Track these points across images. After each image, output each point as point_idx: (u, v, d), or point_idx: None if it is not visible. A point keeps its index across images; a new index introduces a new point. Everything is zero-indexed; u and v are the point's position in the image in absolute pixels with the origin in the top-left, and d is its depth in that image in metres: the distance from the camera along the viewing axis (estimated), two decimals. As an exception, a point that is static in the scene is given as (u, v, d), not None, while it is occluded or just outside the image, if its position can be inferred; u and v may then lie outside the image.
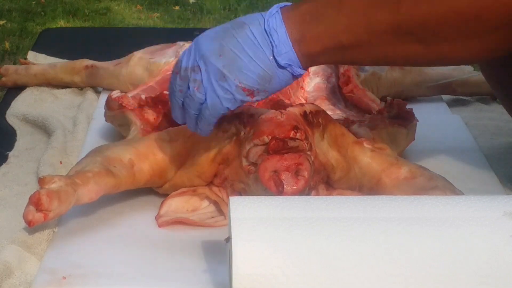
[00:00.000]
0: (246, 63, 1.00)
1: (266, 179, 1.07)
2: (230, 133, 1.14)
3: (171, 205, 1.16)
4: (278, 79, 1.02)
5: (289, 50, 1.00)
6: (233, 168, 1.14)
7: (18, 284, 1.00)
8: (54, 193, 1.02)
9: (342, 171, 1.16)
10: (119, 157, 1.14)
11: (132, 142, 1.19)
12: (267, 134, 1.09)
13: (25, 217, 1.02)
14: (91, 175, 1.08)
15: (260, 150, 1.09)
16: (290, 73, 1.01)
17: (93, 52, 1.76)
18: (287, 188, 1.06)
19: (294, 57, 1.00)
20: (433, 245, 0.87)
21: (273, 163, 1.07)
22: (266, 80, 1.01)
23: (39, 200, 1.01)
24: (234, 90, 1.01)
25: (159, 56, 1.54)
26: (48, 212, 1.02)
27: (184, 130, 1.17)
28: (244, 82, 1.00)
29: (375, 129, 1.23)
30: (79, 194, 1.06)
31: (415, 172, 1.15)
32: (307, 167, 1.07)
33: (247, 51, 1.00)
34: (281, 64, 1.00)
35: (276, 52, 1.00)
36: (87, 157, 1.15)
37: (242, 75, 1.00)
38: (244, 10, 3.68)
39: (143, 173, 1.15)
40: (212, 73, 1.01)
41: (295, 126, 1.09)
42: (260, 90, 1.01)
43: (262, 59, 1.00)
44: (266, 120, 1.10)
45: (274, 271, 0.86)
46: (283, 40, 0.99)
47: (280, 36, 0.99)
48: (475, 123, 1.54)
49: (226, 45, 1.01)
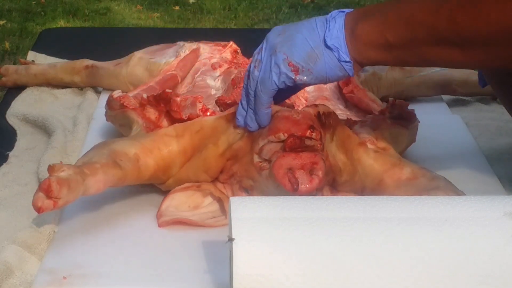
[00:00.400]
0: (298, 41, 1.06)
1: (280, 176, 1.07)
2: (241, 128, 1.14)
3: (174, 199, 1.16)
4: (323, 61, 1.05)
5: (341, 36, 1.04)
6: (242, 164, 1.14)
7: (18, 284, 1.00)
8: (64, 181, 1.02)
9: (348, 174, 1.16)
10: (125, 151, 1.14)
11: (137, 137, 1.19)
12: (283, 132, 1.09)
13: (35, 203, 1.01)
14: (99, 166, 1.08)
15: (274, 147, 1.09)
16: (337, 58, 1.05)
17: (93, 52, 1.76)
18: (302, 186, 1.06)
19: (343, 43, 1.05)
20: (433, 245, 0.87)
21: (288, 161, 1.07)
22: (312, 59, 1.06)
23: (50, 187, 1.00)
24: (281, 63, 1.06)
25: (159, 56, 1.54)
26: (57, 199, 1.01)
27: (191, 126, 1.17)
28: (291, 57, 1.06)
29: (377, 129, 1.23)
30: (87, 184, 1.05)
31: (417, 173, 1.15)
32: (322, 166, 1.08)
33: (304, 32, 1.06)
34: (328, 45, 1.05)
35: (327, 33, 1.05)
36: (93, 150, 1.15)
37: (291, 51, 1.06)
38: (244, 10, 3.68)
39: (148, 168, 1.15)
40: (268, 49, 1.08)
41: (311, 126, 1.09)
42: (304, 68, 1.06)
43: (314, 39, 1.05)
44: (283, 118, 1.11)
45: (274, 271, 0.86)
46: (338, 27, 1.05)
47: (337, 23, 1.05)
48: (475, 123, 1.54)
49: (288, 28, 1.09)
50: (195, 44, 1.55)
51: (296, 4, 3.73)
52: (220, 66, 1.49)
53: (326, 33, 1.05)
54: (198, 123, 1.18)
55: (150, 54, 1.55)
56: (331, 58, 1.05)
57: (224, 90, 1.41)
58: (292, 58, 1.06)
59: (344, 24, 1.05)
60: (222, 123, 1.16)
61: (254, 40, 1.89)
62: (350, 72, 1.06)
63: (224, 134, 1.15)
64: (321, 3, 3.68)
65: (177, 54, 1.51)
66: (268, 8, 3.71)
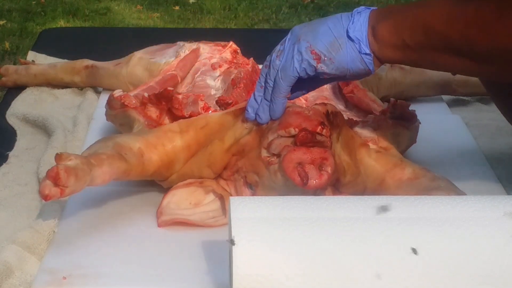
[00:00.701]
0: (322, 31, 1.09)
1: (290, 170, 1.07)
2: (250, 123, 1.14)
3: (175, 195, 1.15)
4: (345, 51, 1.08)
5: (363, 29, 1.08)
6: (248, 159, 1.14)
7: (18, 284, 1.00)
8: (72, 169, 1.01)
9: (352, 175, 1.16)
10: (129, 145, 1.14)
11: (141, 133, 1.20)
12: (294, 126, 1.09)
13: (42, 191, 1.00)
14: (105, 157, 1.08)
15: (284, 142, 1.10)
16: (358, 50, 1.08)
17: (93, 52, 1.76)
18: (311, 181, 1.06)
19: (364, 36, 1.08)
20: (434, 245, 0.87)
21: (299, 155, 1.07)
22: (334, 48, 1.08)
23: (58, 175, 1.00)
24: (303, 50, 1.08)
25: (159, 56, 1.54)
26: (65, 188, 1.00)
27: (196, 122, 1.17)
28: (314, 45, 1.08)
29: (379, 129, 1.23)
30: (93, 174, 1.05)
31: (418, 173, 1.15)
32: (332, 163, 1.08)
33: (328, 24, 1.09)
34: (351, 36, 1.08)
35: (350, 26, 1.08)
36: (98, 143, 1.15)
37: (314, 39, 1.09)
38: (244, 10, 3.68)
39: (152, 163, 1.15)
40: (292, 38, 1.11)
41: (322, 122, 1.10)
42: (326, 57, 1.08)
43: (337, 29, 1.09)
44: (294, 113, 1.11)
45: (274, 271, 0.86)
46: (362, 21, 1.08)
47: (361, 18, 1.08)
48: (475, 123, 1.54)
49: (314, 21, 1.12)
50: (195, 44, 1.55)
51: (296, 4, 3.73)
52: (220, 66, 1.49)
53: (349, 25, 1.08)
54: (204, 119, 1.18)
55: (150, 54, 1.55)
56: (352, 49, 1.08)
57: (224, 90, 1.41)
58: (315, 46, 1.08)
59: (368, 20, 1.08)
60: (229, 119, 1.16)
61: (254, 40, 1.91)
62: (370, 65, 1.07)
63: (231, 129, 1.15)
64: (321, 3, 3.67)
65: (177, 54, 1.51)
66: (268, 8, 3.71)
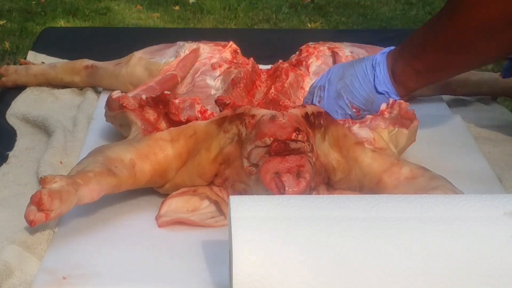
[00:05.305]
0: (356, 88, 1.32)
1: (267, 181, 1.07)
2: (231, 133, 1.14)
3: (171, 204, 1.16)
4: (378, 102, 1.29)
5: (386, 81, 1.30)
6: (234, 168, 1.14)
7: (18, 284, 1.00)
8: (56, 192, 1.02)
9: (343, 172, 1.16)
10: (120, 157, 1.14)
11: (133, 142, 1.19)
12: (269, 136, 1.09)
13: (27, 217, 1.01)
14: (92, 175, 1.08)
15: (261, 152, 1.09)
16: (387, 98, 1.29)
17: (93, 52, 1.76)
18: (288, 190, 1.06)
19: (390, 86, 1.30)
20: (433, 245, 0.87)
21: (274, 165, 1.07)
22: (369, 102, 1.31)
23: (41, 200, 1.01)
24: (346, 107, 1.33)
25: (159, 56, 1.54)
26: (49, 212, 1.01)
27: (185, 130, 1.17)
28: (353, 102, 1.32)
29: (377, 129, 1.23)
30: (80, 194, 1.06)
31: (416, 173, 1.15)
32: (309, 169, 1.07)
33: (359, 79, 1.31)
34: (379, 91, 1.30)
35: (376, 81, 1.30)
36: (88, 157, 1.15)
37: (353, 96, 1.32)
38: (244, 10, 3.68)
39: (144, 173, 1.15)
40: (332, 92, 1.34)
41: (296, 128, 1.09)
42: (365, 109, 1.32)
43: (368, 85, 1.31)
44: (268, 122, 1.10)
45: (274, 271, 0.86)
46: (383, 73, 1.30)
47: (382, 69, 1.30)
48: (475, 123, 1.54)
49: (346, 72, 1.34)
50: (195, 44, 1.55)
51: (296, 4, 3.73)
52: (220, 66, 1.49)
53: (375, 81, 1.30)
54: (192, 127, 1.17)
55: (150, 54, 1.55)
56: (383, 99, 1.29)
57: (224, 90, 1.41)
58: (353, 103, 1.32)
59: (386, 66, 1.29)
60: (213, 128, 1.16)
61: (254, 40, 1.91)
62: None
63: (215, 139, 1.15)
64: (321, 3, 3.67)
65: (177, 54, 1.51)
66: (268, 8, 3.71)
